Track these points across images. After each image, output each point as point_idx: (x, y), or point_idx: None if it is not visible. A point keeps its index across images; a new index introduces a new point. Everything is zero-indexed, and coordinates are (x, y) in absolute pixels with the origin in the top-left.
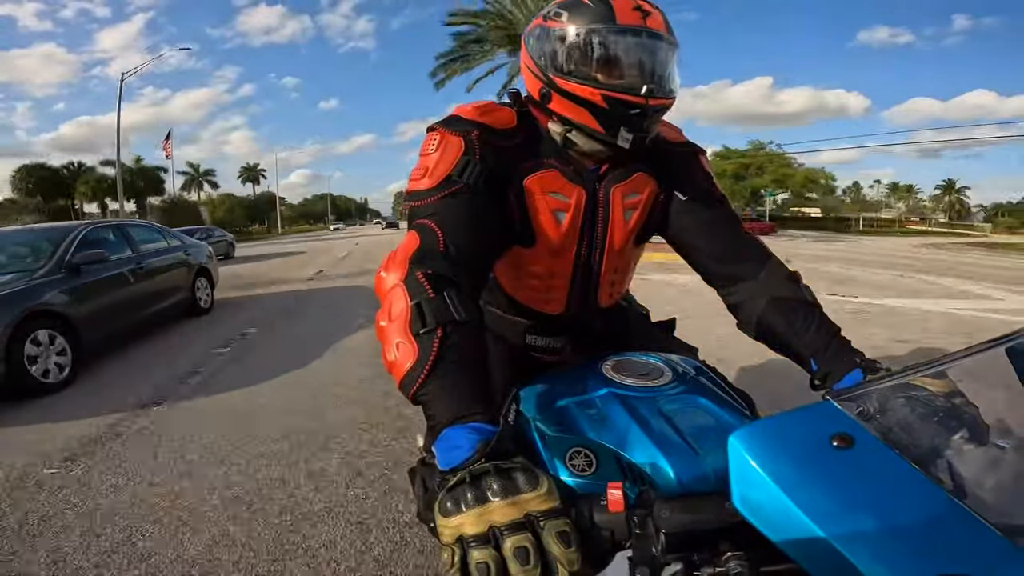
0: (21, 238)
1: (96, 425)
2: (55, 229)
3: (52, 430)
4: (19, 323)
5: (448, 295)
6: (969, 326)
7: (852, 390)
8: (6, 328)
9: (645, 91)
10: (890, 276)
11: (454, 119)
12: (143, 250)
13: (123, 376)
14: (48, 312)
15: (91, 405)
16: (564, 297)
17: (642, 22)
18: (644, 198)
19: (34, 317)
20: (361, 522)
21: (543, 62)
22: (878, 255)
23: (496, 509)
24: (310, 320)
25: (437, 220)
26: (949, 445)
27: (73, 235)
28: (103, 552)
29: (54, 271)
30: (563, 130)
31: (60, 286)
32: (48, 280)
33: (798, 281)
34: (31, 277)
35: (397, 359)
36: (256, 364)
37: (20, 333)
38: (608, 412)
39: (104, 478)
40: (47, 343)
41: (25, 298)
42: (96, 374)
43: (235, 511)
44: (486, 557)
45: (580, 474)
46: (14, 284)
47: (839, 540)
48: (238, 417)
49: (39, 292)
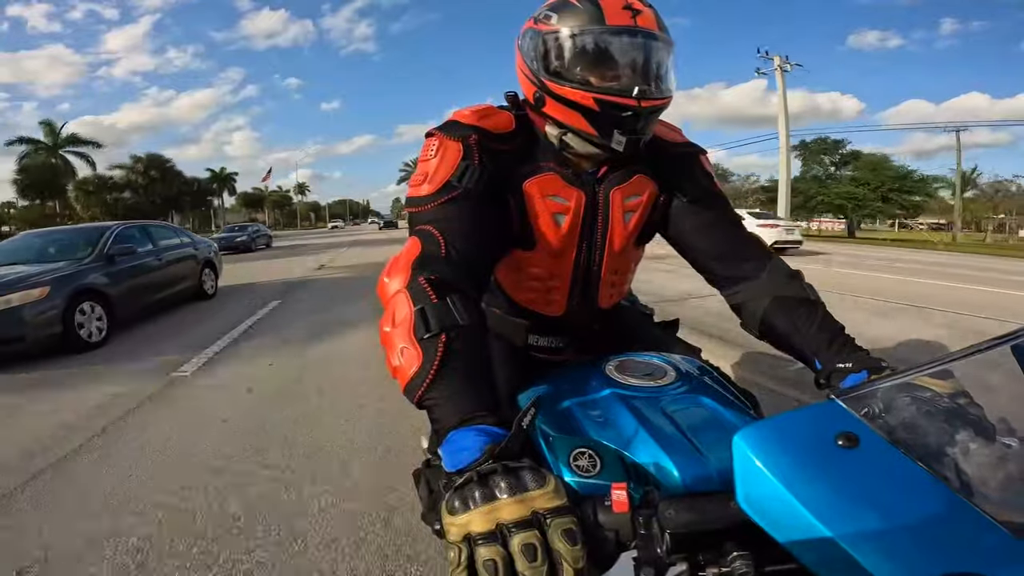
0: (71, 235)
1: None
2: (96, 228)
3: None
4: (71, 297)
5: (451, 300)
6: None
7: (857, 389)
8: (62, 300)
9: (637, 92)
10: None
11: (452, 124)
12: (161, 245)
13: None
14: (91, 290)
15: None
16: (564, 299)
17: (632, 21)
18: (644, 200)
19: (81, 293)
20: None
21: (535, 66)
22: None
23: (504, 507)
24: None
25: (438, 226)
26: (955, 444)
27: (109, 233)
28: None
29: (95, 260)
30: (559, 133)
31: (99, 271)
32: (90, 266)
33: (801, 279)
34: (79, 264)
35: (402, 364)
36: None
37: (71, 304)
38: (612, 413)
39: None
40: (90, 312)
41: (75, 279)
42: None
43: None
44: (493, 554)
45: (584, 475)
46: (66, 269)
47: (845, 539)
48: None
49: (84, 275)
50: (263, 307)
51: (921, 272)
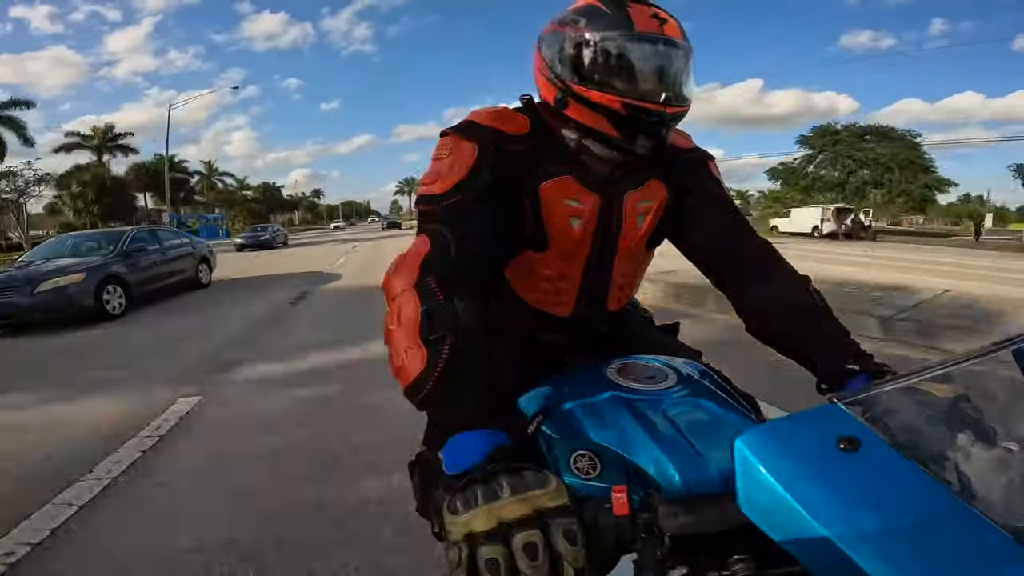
0: (99, 236)
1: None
2: (117, 232)
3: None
4: (100, 281)
5: (458, 302)
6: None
7: (858, 393)
8: (94, 283)
9: (664, 99)
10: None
11: (468, 124)
12: (165, 244)
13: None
14: (114, 276)
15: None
16: (573, 300)
17: (660, 30)
18: (656, 204)
19: (107, 278)
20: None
21: (559, 68)
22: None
23: (507, 506)
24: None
25: (449, 225)
26: (956, 448)
27: (127, 235)
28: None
29: (116, 255)
30: (578, 136)
31: (120, 263)
32: (113, 259)
33: (808, 284)
34: (105, 257)
35: (405, 365)
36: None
37: (100, 286)
38: (612, 415)
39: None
40: (113, 292)
41: (103, 268)
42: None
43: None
44: (495, 553)
45: (585, 477)
46: (96, 261)
47: (846, 543)
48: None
49: (109, 265)
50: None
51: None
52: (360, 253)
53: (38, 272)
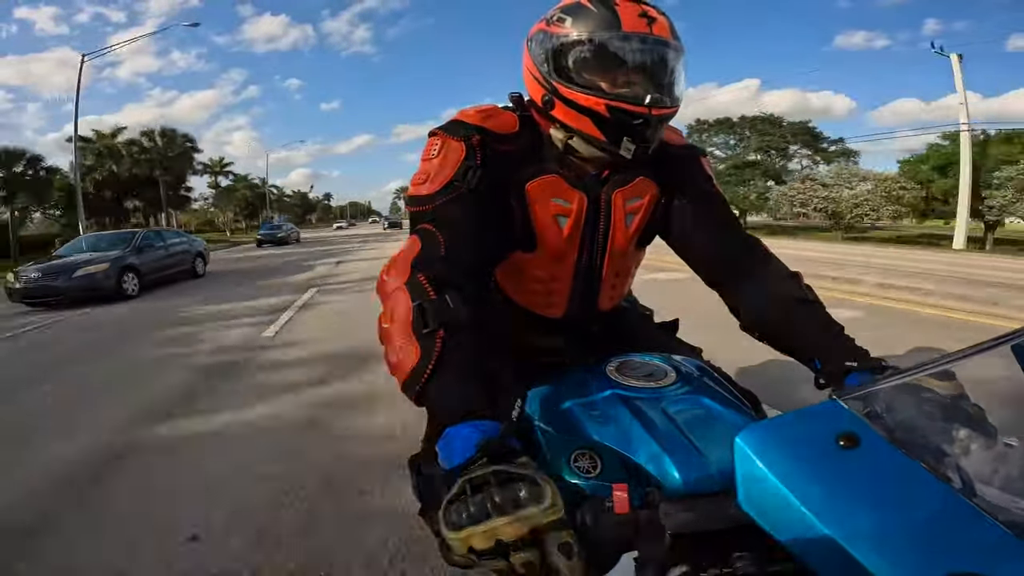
0: (117, 235)
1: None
2: (130, 232)
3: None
4: (119, 270)
5: (449, 297)
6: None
7: (857, 389)
8: (115, 271)
9: (649, 101)
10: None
11: (456, 124)
12: (169, 243)
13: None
14: (130, 266)
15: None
16: (565, 301)
17: (648, 29)
18: (645, 202)
19: (124, 268)
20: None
21: (545, 68)
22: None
23: (502, 528)
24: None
25: (438, 225)
26: (956, 443)
27: (139, 234)
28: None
29: (131, 250)
30: (565, 136)
31: (134, 256)
32: (129, 253)
33: (799, 279)
34: (123, 251)
35: (400, 360)
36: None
37: (120, 274)
38: (612, 413)
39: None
40: (129, 279)
41: (121, 260)
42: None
43: None
44: (496, 567)
45: (585, 476)
46: (116, 254)
47: (846, 539)
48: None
49: (126, 258)
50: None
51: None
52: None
53: (74, 263)
